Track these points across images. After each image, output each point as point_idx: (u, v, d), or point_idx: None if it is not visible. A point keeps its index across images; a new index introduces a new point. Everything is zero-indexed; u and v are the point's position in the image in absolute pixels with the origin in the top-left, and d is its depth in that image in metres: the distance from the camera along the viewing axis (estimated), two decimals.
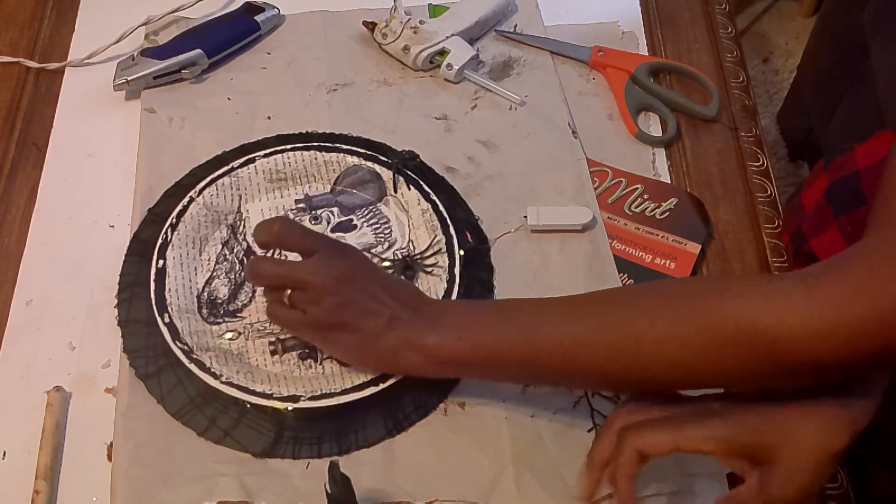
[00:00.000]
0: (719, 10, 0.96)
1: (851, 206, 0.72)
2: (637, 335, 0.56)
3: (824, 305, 0.50)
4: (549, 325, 0.59)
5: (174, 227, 0.75)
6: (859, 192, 0.72)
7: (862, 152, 0.74)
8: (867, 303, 0.49)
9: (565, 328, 0.58)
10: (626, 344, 0.56)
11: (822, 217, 0.75)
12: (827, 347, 0.50)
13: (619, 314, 0.58)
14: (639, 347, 0.55)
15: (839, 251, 0.54)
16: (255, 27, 0.91)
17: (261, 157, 0.79)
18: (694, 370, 0.55)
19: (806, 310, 0.50)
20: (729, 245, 0.79)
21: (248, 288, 0.74)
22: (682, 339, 0.54)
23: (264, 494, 0.64)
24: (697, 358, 0.54)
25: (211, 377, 0.67)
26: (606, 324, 0.57)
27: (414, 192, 0.78)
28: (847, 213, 0.72)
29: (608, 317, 0.58)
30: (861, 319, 0.49)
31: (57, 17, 0.94)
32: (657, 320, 0.55)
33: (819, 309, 0.50)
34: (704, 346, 0.53)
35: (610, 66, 0.89)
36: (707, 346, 0.53)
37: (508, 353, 0.60)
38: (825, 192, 0.76)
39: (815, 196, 0.77)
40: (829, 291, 0.50)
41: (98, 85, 0.87)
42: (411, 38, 0.88)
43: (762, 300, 0.52)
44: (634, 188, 0.81)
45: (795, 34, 2.03)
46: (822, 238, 0.74)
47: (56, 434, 0.67)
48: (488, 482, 0.65)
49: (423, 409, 0.68)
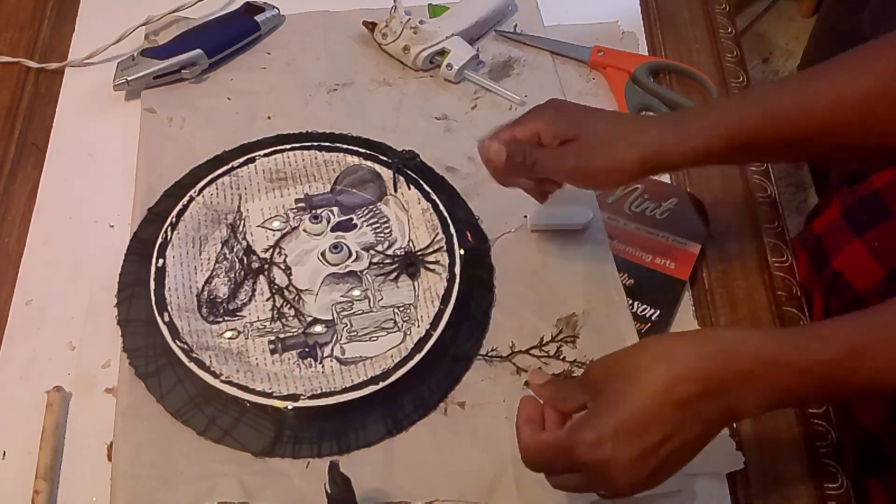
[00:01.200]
0: (719, 10, 0.96)
1: (876, 222, 0.73)
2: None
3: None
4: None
5: (174, 227, 0.75)
6: (883, 209, 0.73)
7: (877, 176, 0.75)
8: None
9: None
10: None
11: (838, 235, 0.76)
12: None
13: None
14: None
15: (867, 266, 0.53)
16: (255, 27, 0.91)
17: (261, 157, 0.79)
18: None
19: None
20: (729, 245, 0.79)
21: (248, 287, 0.74)
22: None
23: (264, 494, 0.64)
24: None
25: (211, 376, 0.67)
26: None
27: (414, 192, 0.78)
28: (872, 230, 0.73)
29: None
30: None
31: (57, 17, 0.94)
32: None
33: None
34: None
35: (610, 66, 0.89)
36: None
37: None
38: (841, 214, 0.76)
39: (827, 220, 0.78)
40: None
41: (98, 85, 0.87)
42: (411, 38, 0.88)
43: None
44: (634, 188, 0.81)
45: (795, 34, 2.03)
46: (843, 256, 0.75)
47: (56, 434, 0.67)
48: (488, 482, 0.65)
49: (423, 408, 0.68)
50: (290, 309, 0.73)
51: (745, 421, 0.69)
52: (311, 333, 0.72)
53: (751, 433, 0.68)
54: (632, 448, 0.52)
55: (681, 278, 0.76)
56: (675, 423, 0.52)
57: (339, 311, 0.73)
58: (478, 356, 0.71)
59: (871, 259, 0.72)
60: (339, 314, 0.73)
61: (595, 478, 0.55)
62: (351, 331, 0.72)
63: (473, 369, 0.71)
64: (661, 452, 0.53)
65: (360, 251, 0.76)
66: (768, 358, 0.52)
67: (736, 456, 0.66)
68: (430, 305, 0.72)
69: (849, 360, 0.52)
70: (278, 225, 0.78)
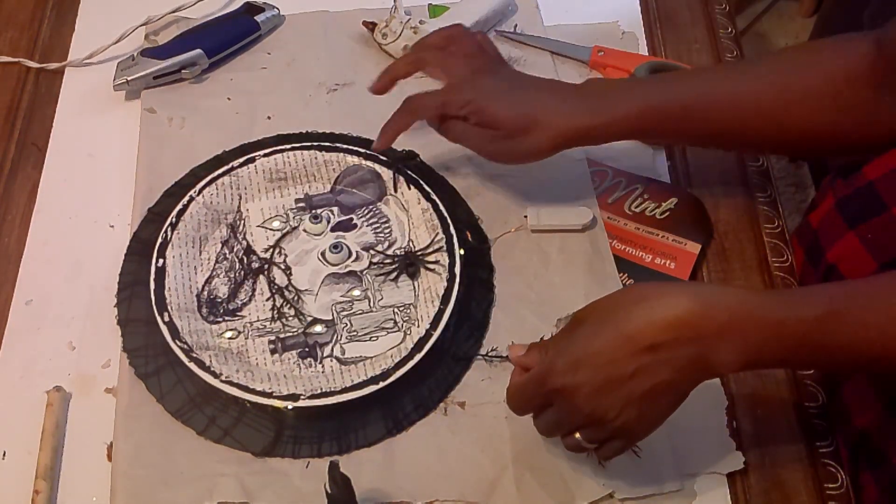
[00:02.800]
0: (719, 10, 0.96)
1: (869, 215, 0.73)
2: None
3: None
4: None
5: (174, 227, 0.75)
6: (877, 201, 0.73)
7: (870, 168, 0.75)
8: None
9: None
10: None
11: (833, 227, 0.76)
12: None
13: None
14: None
15: (861, 259, 0.59)
16: (255, 27, 0.91)
17: (261, 157, 0.79)
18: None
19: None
20: (729, 245, 0.79)
21: (248, 287, 0.74)
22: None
23: (264, 494, 0.64)
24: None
25: (211, 376, 0.67)
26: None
27: (414, 192, 0.78)
28: (866, 223, 0.73)
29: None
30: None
31: (57, 17, 0.94)
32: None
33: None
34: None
35: (610, 66, 0.89)
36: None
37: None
38: (836, 204, 0.76)
39: (823, 213, 0.78)
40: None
41: (98, 85, 0.87)
42: (411, 38, 0.88)
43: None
44: (634, 188, 0.81)
45: (795, 34, 2.03)
46: (837, 248, 0.75)
47: (56, 434, 0.67)
48: (488, 482, 0.65)
49: (423, 408, 0.68)
50: (290, 309, 0.73)
51: (745, 421, 0.69)
52: (311, 333, 0.72)
53: (751, 433, 0.68)
54: (598, 375, 0.55)
55: (681, 278, 0.76)
56: (645, 364, 0.54)
57: (339, 311, 0.73)
58: (478, 356, 0.71)
59: (864, 251, 0.72)
60: (339, 314, 0.73)
61: (566, 407, 0.57)
62: (351, 331, 0.72)
63: (473, 369, 0.71)
64: (629, 387, 0.55)
65: (360, 251, 0.76)
66: (746, 312, 0.53)
67: (736, 456, 0.66)
68: (430, 305, 0.72)
69: (828, 322, 0.53)
70: (278, 225, 0.78)
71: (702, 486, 0.66)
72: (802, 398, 0.70)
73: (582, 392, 0.55)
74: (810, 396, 0.71)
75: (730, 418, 0.68)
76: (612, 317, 0.56)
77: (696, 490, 0.65)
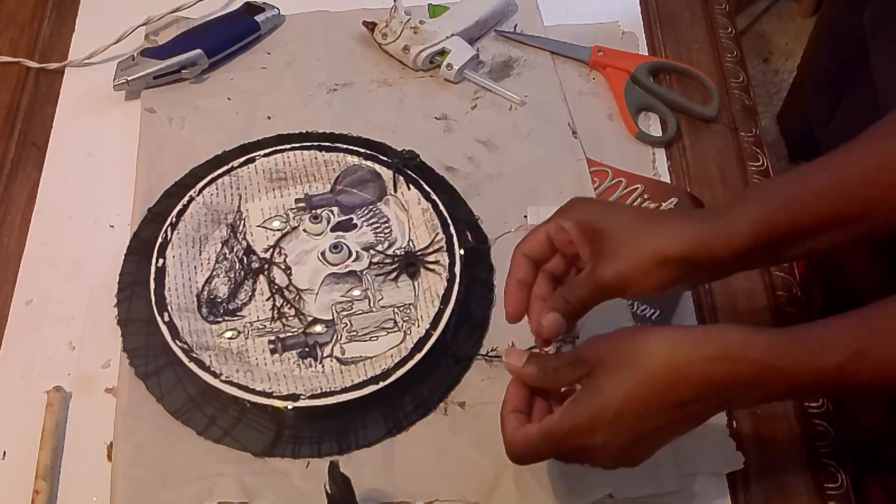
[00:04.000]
0: (719, 10, 0.96)
1: None
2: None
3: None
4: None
5: (174, 227, 0.75)
6: None
7: None
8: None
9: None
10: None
11: None
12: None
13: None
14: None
15: (861, 253, 0.58)
16: (255, 27, 0.91)
17: (261, 157, 0.79)
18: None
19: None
20: None
21: (248, 287, 0.74)
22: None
23: (264, 494, 0.64)
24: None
25: (211, 376, 0.67)
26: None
27: (414, 192, 0.78)
28: None
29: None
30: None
31: (57, 17, 0.94)
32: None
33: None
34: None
35: (610, 66, 0.89)
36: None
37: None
38: None
39: None
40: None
41: (98, 85, 0.87)
42: (411, 38, 0.88)
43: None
44: (634, 188, 0.81)
45: (795, 34, 2.03)
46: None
47: (56, 434, 0.67)
48: (488, 482, 0.65)
49: (423, 408, 0.68)
50: (290, 309, 0.73)
51: (745, 421, 0.69)
52: (311, 333, 0.72)
53: (751, 433, 0.68)
54: (624, 437, 0.54)
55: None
56: (671, 419, 0.54)
57: (339, 310, 0.73)
58: (478, 356, 0.71)
59: (867, 251, 0.72)
60: (339, 314, 0.73)
61: (582, 459, 0.56)
62: (351, 331, 0.72)
63: (473, 369, 0.71)
64: (652, 440, 0.55)
65: (360, 251, 0.76)
66: (769, 366, 0.53)
67: (736, 456, 0.66)
68: (430, 305, 0.72)
69: (849, 365, 0.52)
70: (278, 225, 0.78)
71: (701, 486, 0.65)
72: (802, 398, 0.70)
73: (605, 451, 0.54)
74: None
75: (730, 418, 0.68)
76: (635, 370, 0.53)
77: (695, 490, 0.65)
